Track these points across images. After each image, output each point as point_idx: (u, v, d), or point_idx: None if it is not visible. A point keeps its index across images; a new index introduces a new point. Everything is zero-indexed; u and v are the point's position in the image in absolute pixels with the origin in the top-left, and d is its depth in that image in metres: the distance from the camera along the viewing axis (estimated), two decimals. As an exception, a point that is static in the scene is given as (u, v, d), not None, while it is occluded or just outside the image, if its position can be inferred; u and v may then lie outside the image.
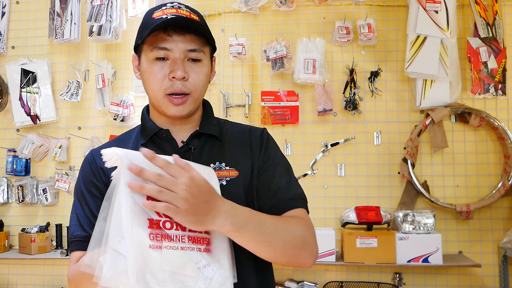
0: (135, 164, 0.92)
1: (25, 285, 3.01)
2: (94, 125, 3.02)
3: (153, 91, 1.14)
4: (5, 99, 3.05)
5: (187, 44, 1.11)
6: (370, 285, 2.72)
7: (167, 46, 1.10)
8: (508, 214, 2.71)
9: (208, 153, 1.17)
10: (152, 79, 1.13)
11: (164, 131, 1.18)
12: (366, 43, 2.78)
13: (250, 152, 1.21)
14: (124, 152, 0.96)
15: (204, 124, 1.21)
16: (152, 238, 0.91)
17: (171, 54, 1.11)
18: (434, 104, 2.70)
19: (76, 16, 2.96)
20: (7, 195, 3.02)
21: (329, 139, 2.83)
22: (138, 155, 0.96)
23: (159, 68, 1.12)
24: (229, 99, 2.90)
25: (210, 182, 0.99)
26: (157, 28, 1.08)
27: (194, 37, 1.12)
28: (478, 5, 2.71)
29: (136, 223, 0.91)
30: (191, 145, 1.17)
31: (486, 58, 2.68)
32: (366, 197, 2.79)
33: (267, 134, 1.26)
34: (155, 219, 0.93)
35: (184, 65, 1.12)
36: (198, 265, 0.96)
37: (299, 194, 1.20)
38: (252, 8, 2.81)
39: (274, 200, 1.17)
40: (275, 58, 2.79)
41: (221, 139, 1.21)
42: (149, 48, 1.13)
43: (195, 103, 1.16)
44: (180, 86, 1.11)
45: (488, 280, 2.70)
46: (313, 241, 1.14)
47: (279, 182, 1.19)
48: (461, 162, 2.76)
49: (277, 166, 1.21)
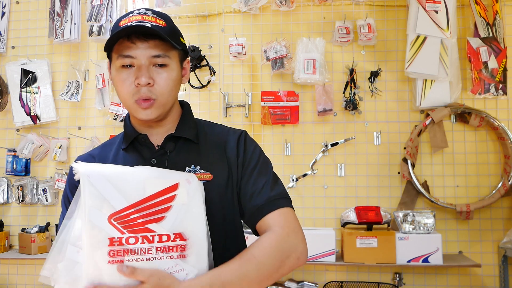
0: (125, 266, 0.93)
1: (25, 285, 3.01)
2: (94, 125, 3.02)
3: (124, 98, 1.15)
4: (5, 99, 3.05)
5: (151, 50, 1.12)
6: (370, 285, 2.72)
7: (131, 54, 1.11)
8: (508, 214, 2.71)
9: (184, 156, 1.18)
10: (120, 87, 1.14)
11: (142, 136, 1.20)
12: (366, 43, 2.78)
13: (226, 155, 1.21)
14: (86, 170, 0.97)
15: (180, 127, 1.22)
16: (112, 255, 0.92)
17: (135, 61, 1.12)
18: (434, 104, 2.70)
19: (76, 16, 2.96)
20: (7, 195, 3.02)
21: (329, 139, 2.83)
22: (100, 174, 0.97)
23: (126, 75, 1.13)
24: (229, 99, 2.90)
25: (189, 187, 1.02)
26: (120, 36, 1.10)
27: (158, 43, 1.12)
28: (478, 5, 2.71)
29: (94, 244, 0.92)
30: (167, 148, 1.19)
31: (486, 58, 2.68)
32: (366, 197, 2.79)
33: (245, 136, 1.26)
34: (117, 237, 0.93)
35: (149, 71, 1.12)
36: (169, 271, 0.97)
37: (278, 194, 1.19)
38: (252, 8, 2.81)
39: (253, 207, 1.17)
40: (275, 58, 2.79)
41: (198, 142, 1.22)
42: (115, 56, 1.14)
43: (163, 107, 1.16)
44: (146, 91, 1.12)
45: (488, 280, 2.70)
46: (296, 243, 1.12)
47: (256, 186, 1.18)
48: (461, 162, 2.76)
49: (255, 168, 1.21)
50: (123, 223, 0.95)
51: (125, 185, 0.97)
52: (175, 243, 0.99)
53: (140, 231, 0.95)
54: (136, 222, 0.96)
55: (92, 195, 0.94)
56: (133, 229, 0.95)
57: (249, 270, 1.04)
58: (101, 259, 0.91)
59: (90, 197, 0.93)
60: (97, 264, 0.91)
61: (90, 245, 0.91)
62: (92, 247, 0.91)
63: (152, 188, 0.99)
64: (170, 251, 0.98)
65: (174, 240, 0.98)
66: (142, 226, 0.96)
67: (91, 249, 0.91)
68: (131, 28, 1.09)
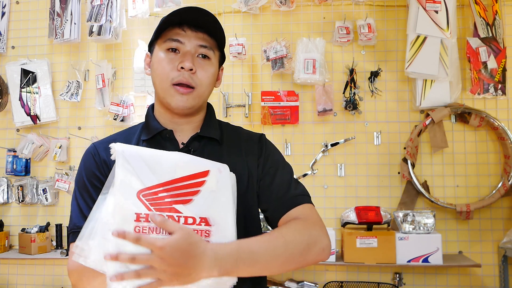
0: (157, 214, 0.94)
1: (25, 285, 3.01)
2: (94, 125, 3.02)
3: (161, 80, 1.16)
4: (5, 99, 3.05)
5: (199, 40, 1.16)
6: (370, 285, 2.72)
7: (180, 38, 1.16)
8: (508, 214, 2.71)
9: (207, 156, 1.18)
10: (161, 69, 1.16)
11: (168, 131, 1.20)
12: (366, 43, 2.78)
13: (246, 157, 1.22)
14: (122, 148, 0.99)
15: (205, 127, 1.23)
16: (137, 231, 0.93)
17: (182, 47, 1.16)
18: (434, 104, 2.70)
19: (76, 16, 2.96)
20: (7, 195, 3.02)
21: (329, 139, 2.83)
22: (135, 152, 0.99)
23: (169, 59, 1.16)
24: (229, 99, 2.90)
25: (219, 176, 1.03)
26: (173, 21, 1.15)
27: (206, 37, 1.18)
28: (478, 5, 2.71)
29: (121, 218, 0.93)
30: (191, 147, 1.19)
31: (485, 58, 2.68)
32: (366, 197, 2.79)
33: (265, 140, 1.29)
34: (144, 213, 0.94)
35: (194, 59, 1.16)
36: None
37: (301, 191, 1.22)
38: (252, 8, 2.81)
39: (277, 201, 1.18)
40: (275, 58, 2.79)
41: (221, 143, 1.23)
42: (162, 41, 1.18)
43: (198, 99, 1.18)
44: (187, 77, 1.14)
45: (488, 280, 2.70)
46: (321, 235, 1.13)
47: (280, 183, 1.21)
48: (461, 162, 2.76)
49: (278, 169, 1.24)
50: (151, 200, 0.96)
51: (157, 165, 0.99)
52: (200, 227, 0.99)
53: (167, 210, 0.96)
54: (163, 200, 0.97)
55: (124, 169, 0.96)
56: (160, 207, 0.96)
57: (277, 247, 1.05)
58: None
59: (123, 171, 0.96)
60: (124, 242, 0.91)
61: (118, 220, 0.92)
62: (119, 221, 0.92)
63: (183, 171, 1.01)
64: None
65: (199, 224, 0.99)
66: (169, 205, 0.97)
67: (118, 224, 0.92)
68: (189, 10, 1.14)
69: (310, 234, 1.10)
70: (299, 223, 1.13)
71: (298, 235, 1.09)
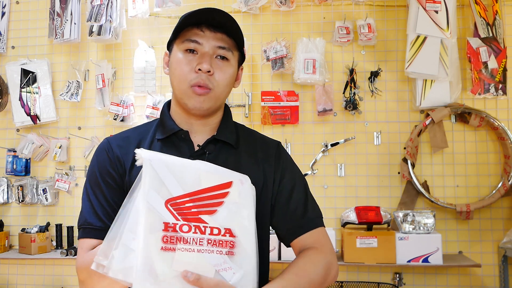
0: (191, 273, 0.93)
1: (25, 285, 3.01)
2: (94, 125, 3.02)
3: (179, 81, 1.16)
4: (5, 99, 3.05)
5: (218, 41, 1.16)
6: (370, 285, 2.72)
7: (198, 39, 1.15)
8: (508, 214, 2.71)
9: (222, 160, 1.18)
10: (179, 70, 1.16)
11: (183, 132, 1.20)
12: (366, 43, 2.78)
13: (262, 164, 1.23)
14: (149, 155, 1.00)
15: (221, 130, 1.23)
16: (165, 241, 0.93)
17: (200, 48, 1.15)
18: (434, 104, 2.70)
19: (76, 16, 2.96)
20: (7, 195, 3.02)
21: (329, 139, 2.83)
22: (161, 160, 1.00)
23: (187, 60, 1.15)
24: (229, 99, 2.90)
25: (241, 187, 1.04)
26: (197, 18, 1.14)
27: (225, 37, 1.17)
28: (478, 5, 2.71)
29: (149, 227, 0.93)
30: (207, 150, 1.19)
31: (486, 58, 2.68)
32: (366, 197, 2.79)
33: (282, 150, 1.30)
34: (172, 222, 0.95)
35: (212, 60, 1.15)
36: (217, 267, 0.96)
37: (316, 213, 1.24)
38: (252, 8, 2.81)
39: (292, 222, 1.21)
40: (275, 58, 2.79)
41: (237, 147, 1.23)
42: (180, 41, 1.17)
43: (216, 100, 1.18)
44: (205, 78, 1.14)
45: (488, 280, 2.70)
46: (334, 262, 1.19)
47: (296, 201, 1.23)
48: (461, 162, 2.76)
49: (294, 185, 1.25)
50: (178, 210, 0.97)
51: (183, 175, 1.00)
52: (225, 238, 0.99)
53: (193, 220, 0.97)
54: (190, 211, 0.98)
55: (152, 178, 0.96)
56: (187, 217, 0.97)
57: (301, 284, 1.09)
58: (154, 244, 0.92)
59: (151, 180, 0.96)
60: (149, 250, 0.91)
61: (145, 228, 0.92)
62: (147, 230, 0.92)
63: (208, 181, 1.02)
64: (220, 246, 0.98)
65: (224, 235, 0.99)
66: (195, 215, 0.98)
67: (145, 233, 0.92)
68: (207, 11, 1.14)
69: (327, 266, 1.16)
70: (317, 256, 1.16)
71: (318, 269, 1.14)
